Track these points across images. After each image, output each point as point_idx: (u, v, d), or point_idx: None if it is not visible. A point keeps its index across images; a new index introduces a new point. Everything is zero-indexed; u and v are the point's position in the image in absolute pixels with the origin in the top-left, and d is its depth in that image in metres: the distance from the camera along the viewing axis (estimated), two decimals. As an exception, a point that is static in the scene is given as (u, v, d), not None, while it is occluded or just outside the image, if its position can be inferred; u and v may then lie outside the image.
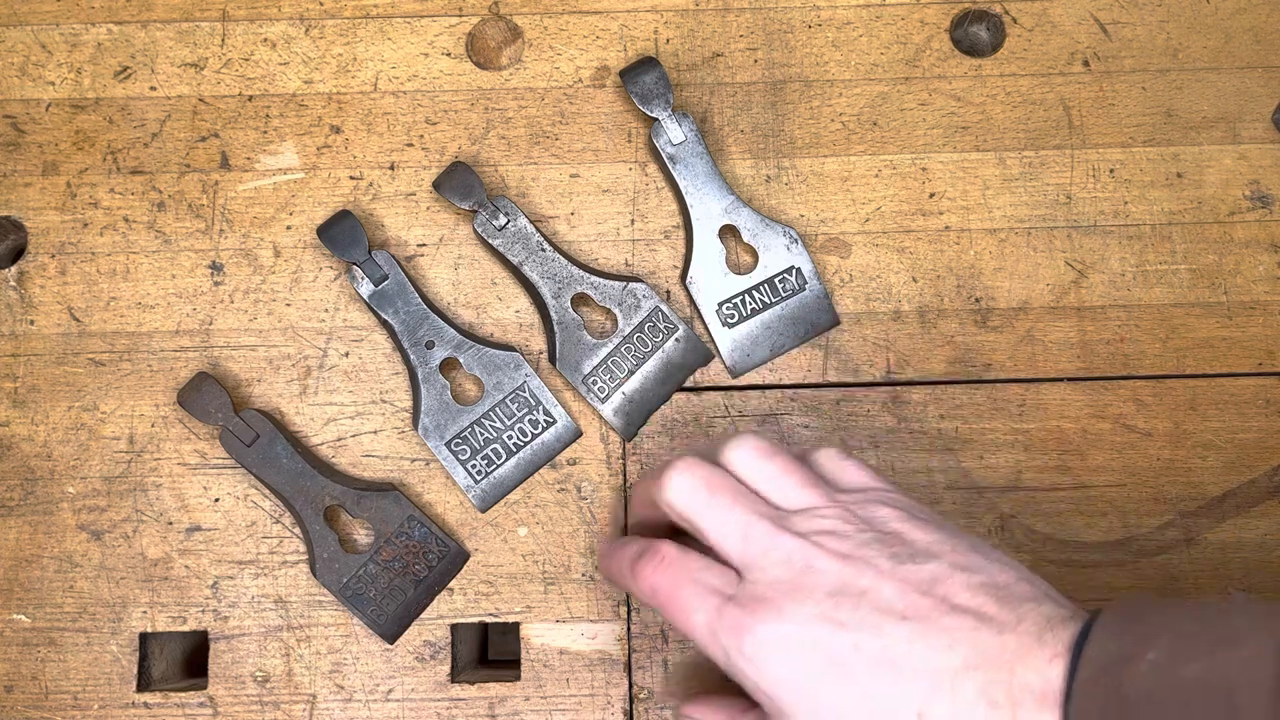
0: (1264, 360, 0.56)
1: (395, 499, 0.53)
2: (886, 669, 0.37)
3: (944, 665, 0.37)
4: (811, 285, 0.56)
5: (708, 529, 0.42)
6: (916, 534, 0.41)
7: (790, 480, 0.43)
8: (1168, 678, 0.34)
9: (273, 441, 0.53)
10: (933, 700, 0.37)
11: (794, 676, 0.39)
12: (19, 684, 0.53)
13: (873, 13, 0.59)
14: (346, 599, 0.52)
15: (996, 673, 0.36)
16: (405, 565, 0.53)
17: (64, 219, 0.57)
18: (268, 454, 0.53)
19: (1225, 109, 0.58)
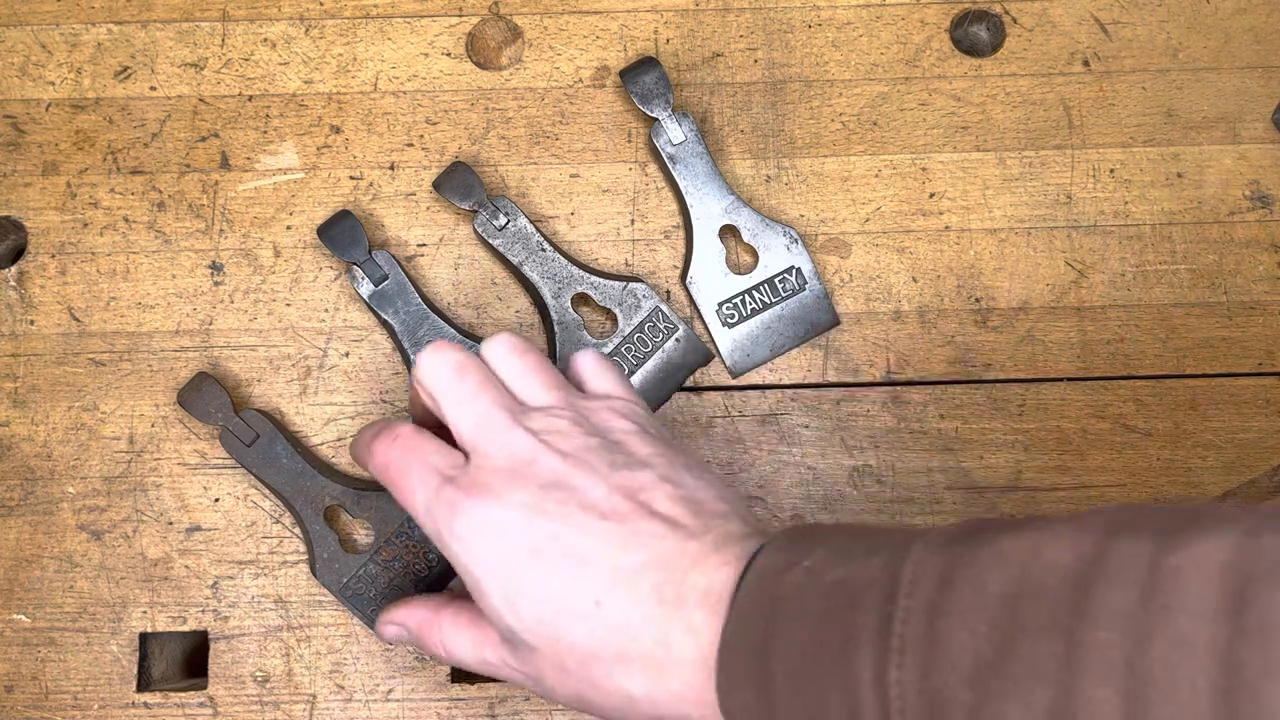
0: (1264, 360, 0.56)
1: (394, 498, 0.53)
2: (575, 560, 0.41)
3: (627, 563, 0.40)
4: (812, 285, 0.56)
5: (446, 409, 0.45)
6: (640, 446, 0.44)
7: (537, 379, 0.46)
8: (814, 581, 0.38)
9: (273, 441, 0.52)
10: (610, 591, 0.40)
11: (494, 558, 0.42)
12: (19, 684, 0.53)
13: (873, 13, 0.59)
14: (346, 599, 0.52)
15: (671, 574, 0.40)
16: (405, 565, 0.52)
17: (64, 219, 0.57)
18: (267, 454, 0.52)
19: (1225, 109, 0.58)
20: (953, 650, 0.33)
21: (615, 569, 0.41)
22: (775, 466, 0.55)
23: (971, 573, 0.35)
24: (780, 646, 0.37)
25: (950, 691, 0.33)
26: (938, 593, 0.35)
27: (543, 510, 0.42)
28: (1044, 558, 0.34)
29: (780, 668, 0.37)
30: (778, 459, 0.55)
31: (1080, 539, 0.33)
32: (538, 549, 0.41)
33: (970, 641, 0.33)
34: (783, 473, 0.55)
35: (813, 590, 0.38)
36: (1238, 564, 0.30)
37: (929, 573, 0.36)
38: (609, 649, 0.40)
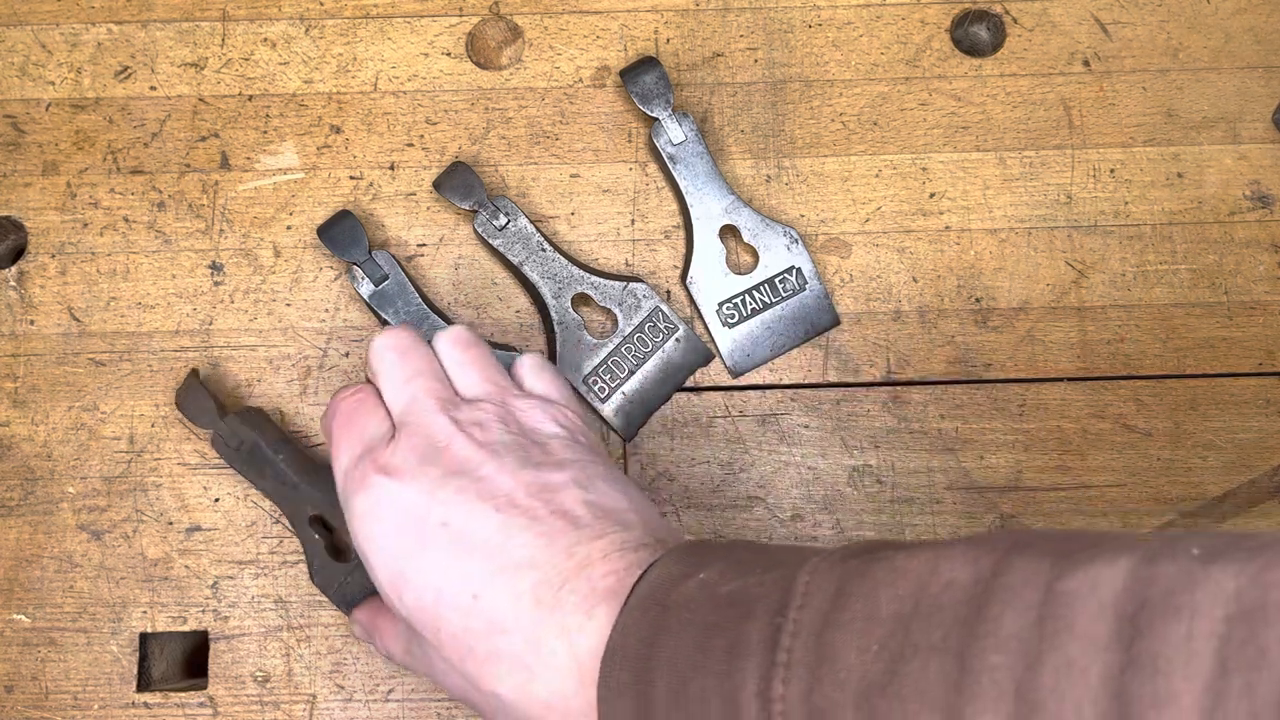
0: (1264, 360, 0.56)
1: None
2: (459, 549, 0.40)
3: (511, 558, 0.40)
4: (812, 285, 0.56)
5: (383, 387, 0.46)
6: (562, 450, 0.44)
7: (475, 372, 0.47)
8: (707, 592, 0.37)
9: (257, 449, 0.51)
10: (489, 585, 0.40)
11: (386, 537, 0.42)
12: (19, 684, 0.52)
13: (873, 13, 0.59)
14: (341, 604, 0.52)
15: (554, 575, 0.39)
16: None
17: (64, 219, 0.57)
18: (253, 460, 0.52)
19: (1225, 109, 0.58)
20: (840, 667, 0.32)
21: (499, 563, 0.40)
22: (775, 466, 0.55)
23: (866, 588, 0.34)
24: (664, 656, 0.36)
25: (836, 712, 0.32)
26: (830, 607, 0.34)
27: (440, 495, 0.41)
28: (941, 575, 0.33)
29: (662, 678, 0.36)
30: (778, 459, 0.55)
31: (979, 557, 0.32)
32: (424, 533, 0.41)
33: (859, 660, 0.32)
34: (783, 473, 0.55)
35: (705, 601, 0.37)
36: (1132, 590, 0.29)
37: (822, 586, 0.35)
38: (482, 645, 0.40)
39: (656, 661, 0.36)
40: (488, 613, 0.40)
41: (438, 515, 0.41)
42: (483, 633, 0.40)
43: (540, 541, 0.40)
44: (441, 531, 0.41)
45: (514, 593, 0.40)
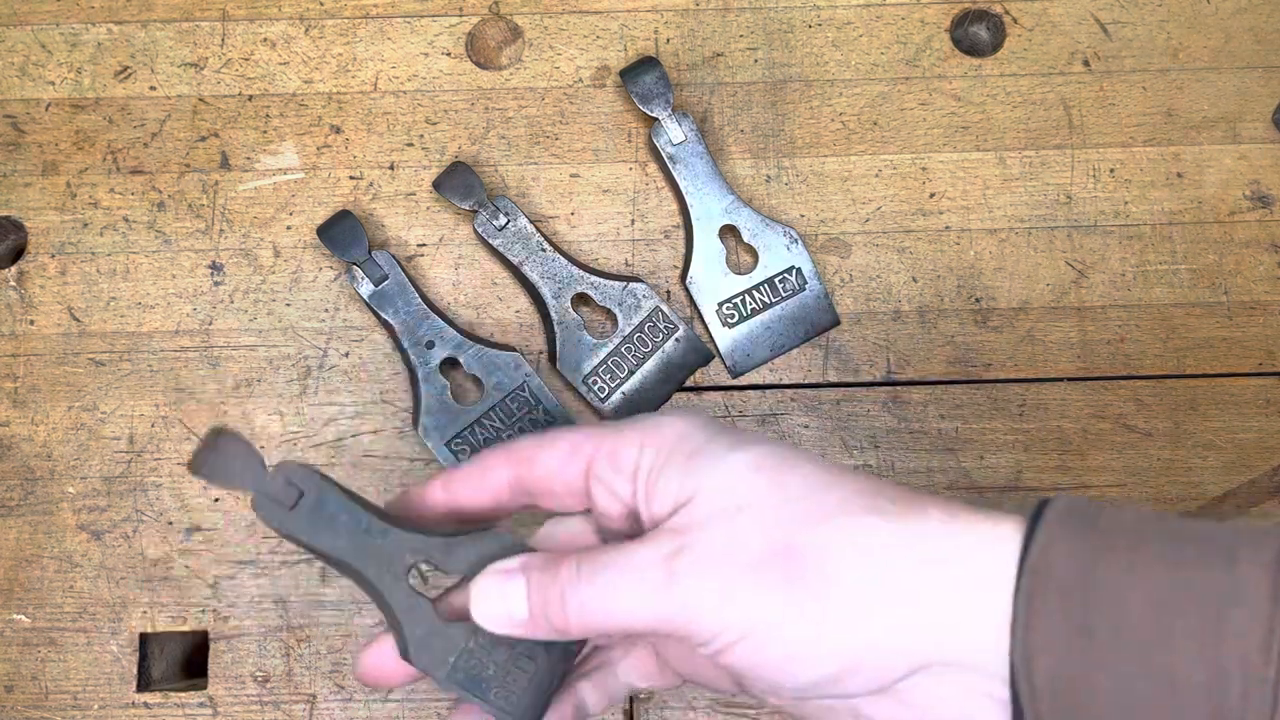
0: (1264, 360, 0.56)
1: (498, 538, 0.39)
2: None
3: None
4: (812, 285, 0.56)
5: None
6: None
7: None
8: (1155, 522, 0.33)
9: (323, 498, 0.39)
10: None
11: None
12: (19, 684, 0.52)
13: (873, 12, 0.59)
14: (459, 684, 0.39)
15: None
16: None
17: (64, 219, 0.57)
18: (318, 515, 0.39)
19: (1225, 109, 0.58)
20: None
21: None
22: (775, 466, 0.55)
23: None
24: (1111, 585, 0.32)
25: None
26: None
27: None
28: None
29: (1106, 610, 0.32)
30: (778, 459, 0.55)
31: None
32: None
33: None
34: (783, 473, 0.55)
35: (1154, 530, 0.33)
36: None
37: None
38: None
39: (1099, 593, 0.32)
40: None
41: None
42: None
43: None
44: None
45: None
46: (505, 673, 0.39)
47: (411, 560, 0.39)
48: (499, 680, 0.39)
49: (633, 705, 0.53)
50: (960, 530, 0.35)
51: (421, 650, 0.39)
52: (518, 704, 0.39)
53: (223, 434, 0.39)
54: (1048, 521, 0.33)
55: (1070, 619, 0.32)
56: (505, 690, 0.39)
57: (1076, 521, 0.33)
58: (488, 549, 0.39)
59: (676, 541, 0.35)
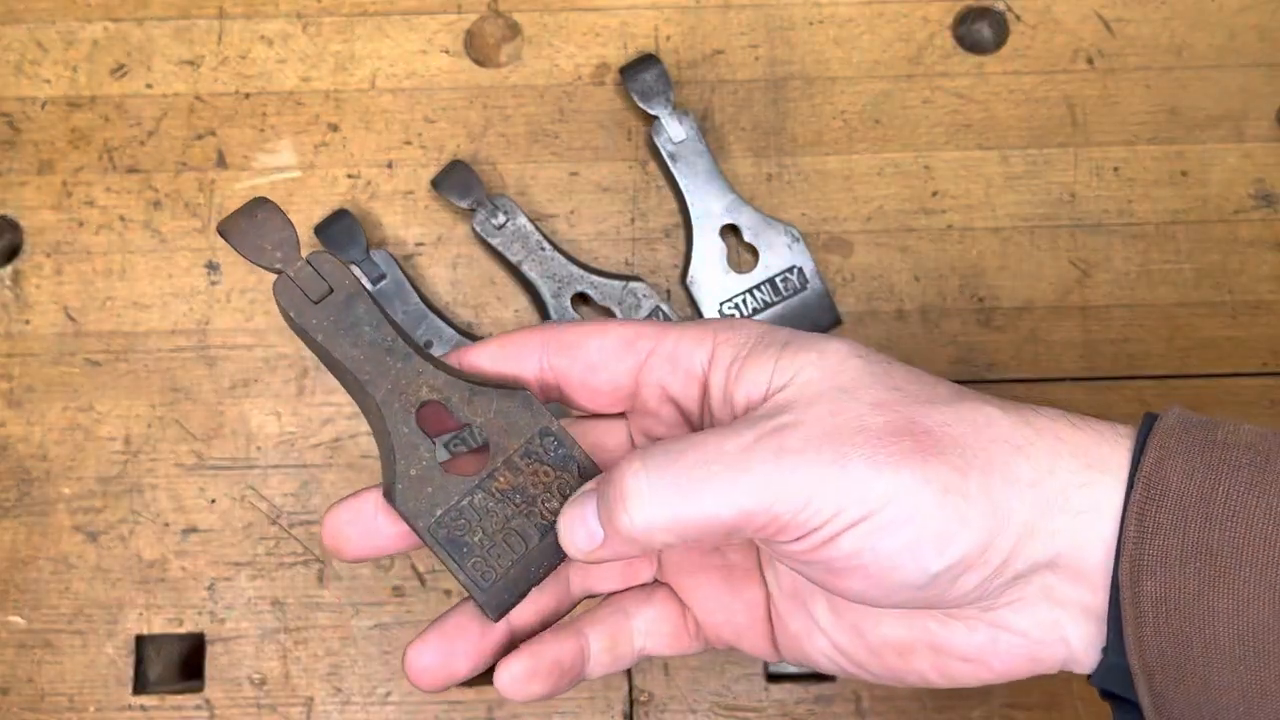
0: (1269, 360, 0.56)
1: (526, 401, 0.36)
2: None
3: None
4: (813, 284, 0.56)
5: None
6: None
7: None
8: (1275, 439, 0.31)
9: (352, 300, 0.36)
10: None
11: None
12: (14, 686, 0.52)
13: (875, 9, 0.59)
14: (438, 540, 0.35)
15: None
16: (531, 500, 0.36)
17: (59, 218, 0.56)
18: (343, 316, 0.35)
19: (1230, 107, 0.58)
20: None
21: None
22: (776, 467, 0.55)
23: None
24: (1233, 501, 0.30)
25: None
26: None
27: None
28: None
29: (1229, 528, 0.30)
30: (779, 459, 0.55)
31: None
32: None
33: None
34: (784, 473, 0.54)
35: (1275, 446, 0.30)
36: None
37: None
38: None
39: (1218, 508, 0.30)
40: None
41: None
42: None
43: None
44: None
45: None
46: (491, 544, 0.36)
47: (428, 395, 0.36)
48: (482, 550, 0.35)
49: (632, 707, 0.52)
50: (1079, 424, 0.33)
51: (409, 492, 0.35)
52: (493, 582, 0.35)
53: (264, 204, 0.36)
54: (1160, 432, 0.31)
55: (1188, 538, 0.30)
56: (485, 563, 0.35)
57: (1194, 435, 0.31)
58: (513, 410, 0.36)
59: (777, 419, 0.31)
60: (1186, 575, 0.30)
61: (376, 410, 0.36)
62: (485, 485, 0.36)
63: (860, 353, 0.34)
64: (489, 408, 0.36)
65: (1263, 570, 0.29)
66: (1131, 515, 0.31)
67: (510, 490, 0.36)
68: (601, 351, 0.36)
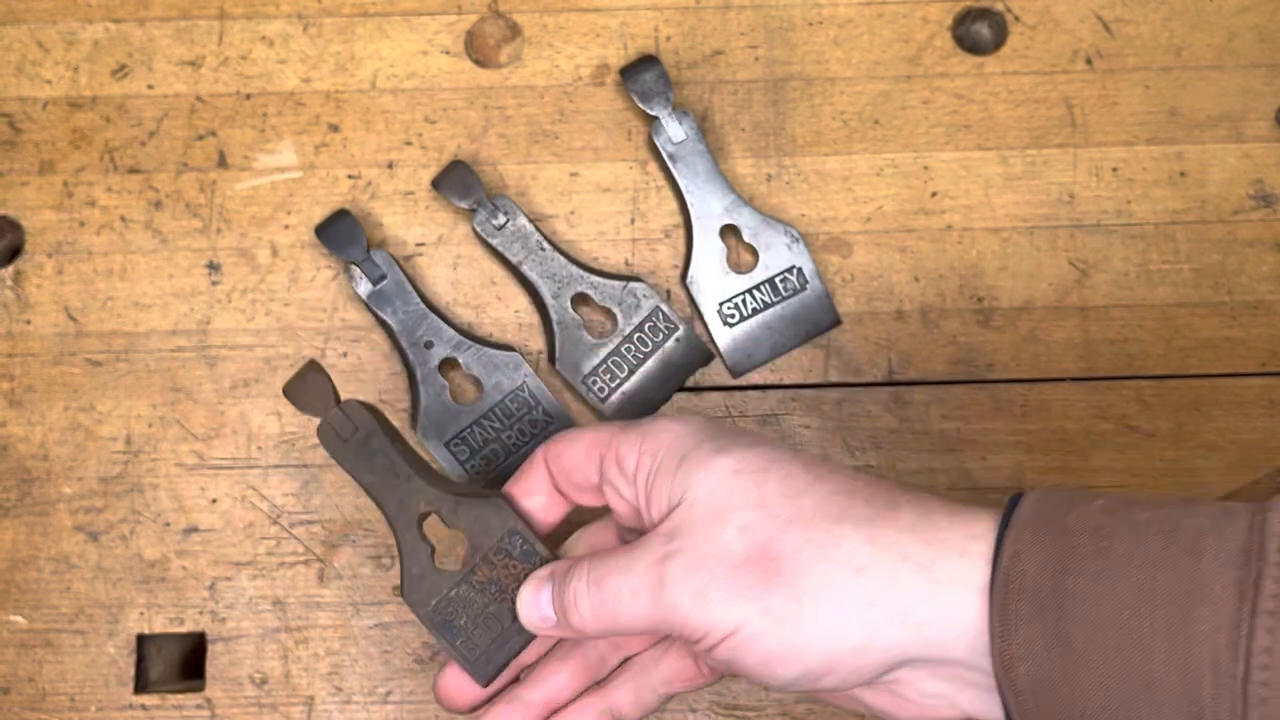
0: (1268, 360, 0.56)
1: (497, 507, 0.45)
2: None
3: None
4: (813, 285, 0.56)
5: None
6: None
7: None
8: (1121, 517, 0.33)
9: (370, 437, 0.45)
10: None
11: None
12: (15, 686, 0.52)
13: (874, 10, 0.59)
14: (434, 626, 0.45)
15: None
16: (502, 588, 0.44)
17: (60, 218, 0.56)
18: (363, 451, 0.45)
19: (1229, 107, 0.58)
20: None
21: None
22: (776, 467, 0.55)
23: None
24: (1082, 591, 0.32)
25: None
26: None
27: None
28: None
29: (1080, 616, 0.32)
30: (778, 459, 0.55)
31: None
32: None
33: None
34: (783, 473, 0.55)
35: (1122, 528, 0.33)
36: None
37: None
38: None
39: (1071, 599, 0.32)
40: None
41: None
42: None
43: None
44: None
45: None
46: (474, 626, 0.45)
47: (426, 509, 0.45)
48: (467, 631, 0.45)
49: (632, 707, 0.52)
50: (932, 534, 0.36)
51: (413, 588, 0.45)
52: (479, 656, 0.44)
53: (312, 368, 0.46)
54: (1016, 526, 0.34)
55: (1046, 627, 0.33)
56: (470, 641, 0.44)
57: (1045, 524, 0.34)
58: (486, 515, 0.45)
59: (667, 546, 0.38)
60: (1052, 660, 0.33)
61: (390, 522, 0.45)
62: (468, 579, 0.45)
63: (747, 465, 0.38)
64: (469, 514, 0.45)
65: (1117, 652, 0.32)
66: (995, 609, 0.34)
67: (487, 582, 0.45)
68: (573, 459, 0.43)
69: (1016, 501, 0.36)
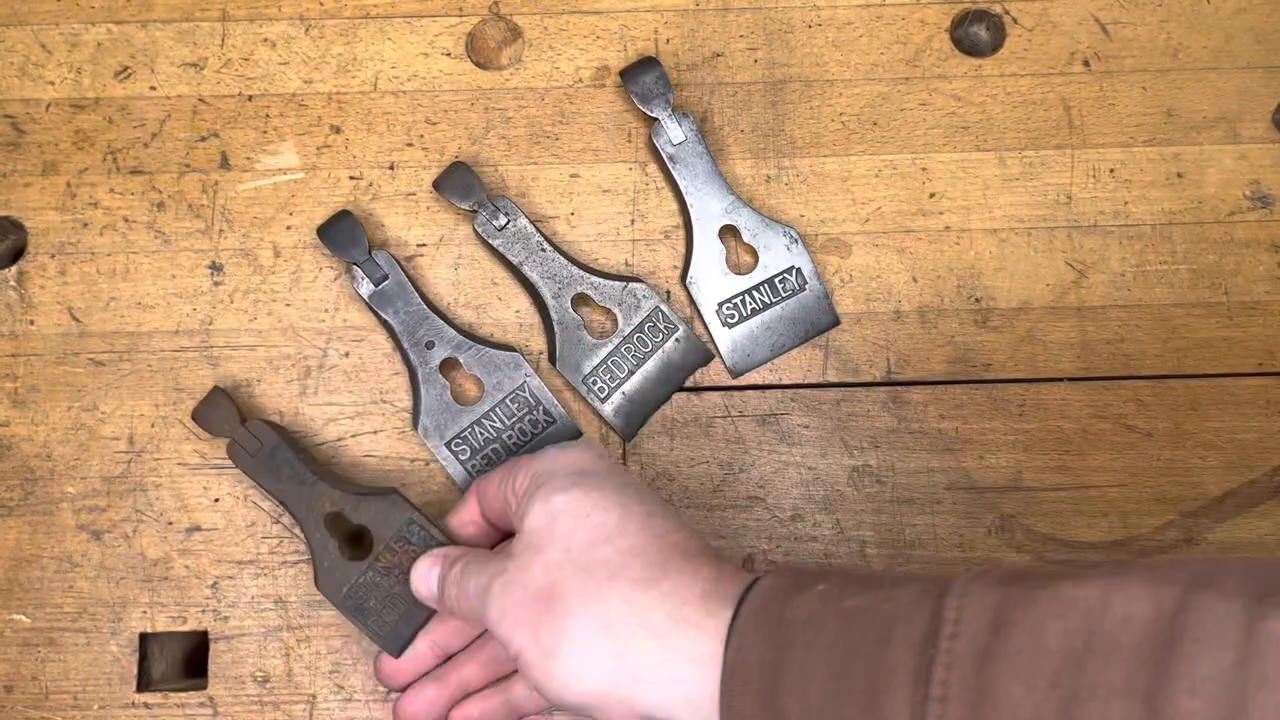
0: (1264, 360, 0.56)
1: (394, 502, 0.51)
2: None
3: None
4: (812, 285, 0.56)
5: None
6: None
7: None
8: (831, 606, 0.36)
9: (275, 450, 0.51)
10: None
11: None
12: (19, 684, 0.52)
13: (873, 12, 0.59)
14: (348, 610, 0.51)
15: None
16: (405, 572, 0.50)
17: (64, 219, 0.57)
18: (270, 463, 0.51)
19: (1226, 109, 0.58)
20: (1004, 705, 0.30)
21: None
22: (775, 466, 0.55)
23: (1030, 619, 0.31)
24: (791, 680, 0.35)
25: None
26: (989, 637, 0.32)
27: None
28: (1115, 609, 0.30)
29: (794, 704, 0.35)
30: (778, 459, 0.55)
31: (1158, 591, 0.30)
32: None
33: (1027, 697, 0.30)
34: (783, 473, 0.55)
35: (830, 619, 0.35)
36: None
37: (977, 613, 0.32)
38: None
39: (784, 687, 0.35)
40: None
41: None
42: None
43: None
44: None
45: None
46: (382, 606, 0.51)
47: (330, 508, 0.51)
48: (376, 611, 0.51)
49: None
50: (678, 607, 0.40)
51: (324, 579, 0.51)
52: (389, 632, 0.51)
53: (215, 392, 0.52)
54: (743, 616, 0.38)
55: (764, 702, 0.36)
56: (380, 619, 0.51)
57: (766, 617, 0.37)
58: (386, 508, 0.51)
59: (503, 563, 0.44)
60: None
61: (300, 523, 0.51)
62: (374, 566, 0.51)
63: (573, 508, 0.43)
64: (370, 509, 0.51)
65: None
66: (724, 691, 0.37)
67: (391, 567, 0.51)
68: (491, 487, 0.48)
69: (751, 586, 0.40)
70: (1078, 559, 0.54)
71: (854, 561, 0.54)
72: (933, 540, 0.54)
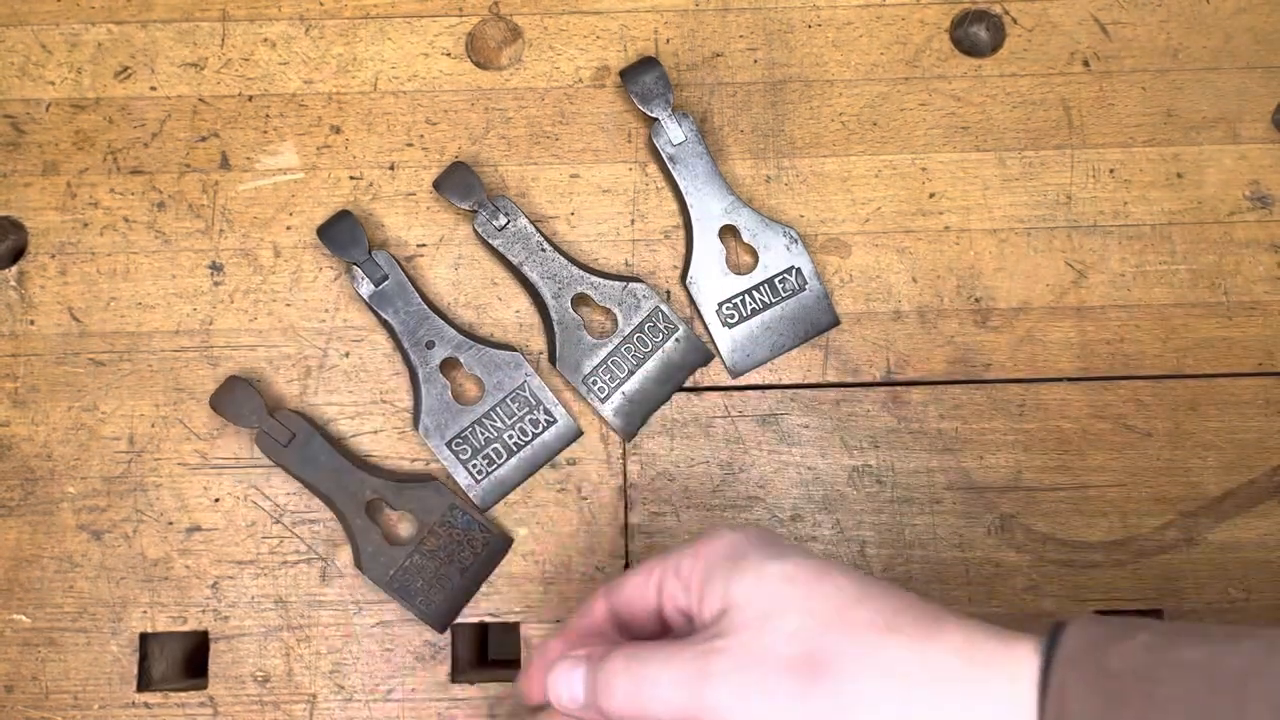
0: (1264, 360, 0.56)
1: (436, 489, 0.53)
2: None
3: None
4: (811, 285, 0.56)
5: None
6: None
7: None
8: (1163, 656, 0.33)
9: (309, 440, 0.52)
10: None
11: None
12: (19, 684, 0.53)
13: (873, 13, 0.59)
14: (394, 591, 0.52)
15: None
16: (450, 553, 0.53)
17: (64, 219, 0.57)
18: (305, 453, 0.52)
19: (1225, 109, 0.58)
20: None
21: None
22: (775, 466, 0.55)
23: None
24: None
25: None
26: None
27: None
28: None
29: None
30: (778, 459, 0.55)
31: None
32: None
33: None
34: (783, 473, 0.55)
35: (1166, 671, 0.33)
36: None
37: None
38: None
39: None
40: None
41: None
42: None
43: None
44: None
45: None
46: (429, 587, 0.53)
47: (371, 495, 0.53)
48: (424, 592, 0.53)
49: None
50: (977, 656, 0.36)
51: (370, 563, 0.52)
52: (436, 609, 0.53)
53: (237, 381, 0.53)
54: (1060, 664, 0.35)
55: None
56: (427, 600, 0.53)
57: (1088, 662, 0.34)
58: (428, 496, 0.53)
59: (713, 642, 0.38)
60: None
61: (340, 512, 0.53)
62: (419, 549, 0.53)
63: (799, 574, 0.39)
64: (412, 496, 0.53)
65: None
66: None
67: (436, 549, 0.53)
68: (633, 585, 0.43)
69: (1057, 631, 0.36)
70: (1077, 559, 0.54)
71: (854, 561, 0.54)
72: (932, 540, 0.54)
